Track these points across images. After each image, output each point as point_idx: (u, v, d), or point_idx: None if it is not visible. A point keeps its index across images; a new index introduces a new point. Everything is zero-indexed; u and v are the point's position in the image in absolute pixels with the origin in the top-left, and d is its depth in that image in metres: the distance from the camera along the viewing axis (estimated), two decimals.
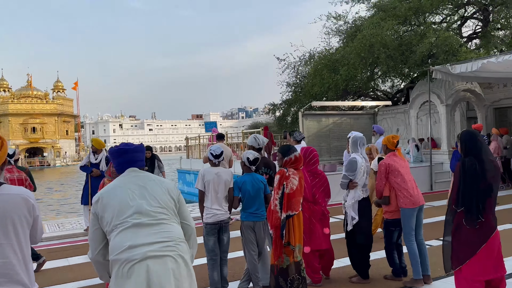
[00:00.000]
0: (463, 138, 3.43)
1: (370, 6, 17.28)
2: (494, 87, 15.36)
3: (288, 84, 19.37)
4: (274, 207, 3.98)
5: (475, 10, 15.83)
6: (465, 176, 3.26)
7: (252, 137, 5.17)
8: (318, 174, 4.45)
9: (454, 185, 3.35)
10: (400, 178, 4.48)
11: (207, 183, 4.33)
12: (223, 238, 4.39)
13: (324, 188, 4.48)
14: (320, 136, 10.73)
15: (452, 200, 3.38)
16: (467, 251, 3.27)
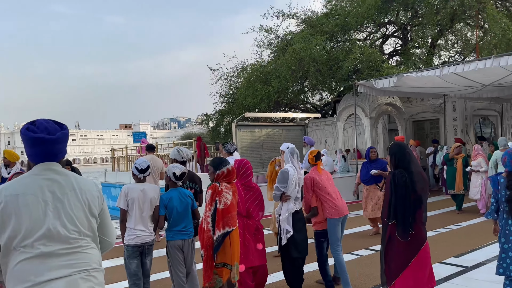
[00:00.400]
0: (393, 150, 3.48)
1: (300, 21, 17.85)
2: (412, 102, 16.58)
3: (221, 95, 19.28)
4: (206, 225, 3.73)
5: (395, 29, 17.04)
6: (396, 189, 3.30)
7: (175, 150, 4.93)
8: (252, 187, 4.30)
9: (386, 198, 3.38)
10: (324, 190, 4.61)
11: (131, 201, 3.96)
12: (146, 261, 4.04)
13: (259, 201, 4.34)
14: (253, 147, 10.68)
15: (383, 213, 3.41)
16: (399, 263, 3.29)
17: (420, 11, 15.67)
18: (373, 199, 7.35)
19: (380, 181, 7.31)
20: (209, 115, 20.38)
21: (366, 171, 7.37)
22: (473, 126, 16.27)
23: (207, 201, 3.79)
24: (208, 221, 3.72)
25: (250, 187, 4.29)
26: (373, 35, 17.68)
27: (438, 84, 11.08)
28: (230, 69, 19.27)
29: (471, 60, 9.19)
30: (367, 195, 7.44)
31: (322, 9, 17.98)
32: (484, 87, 11.37)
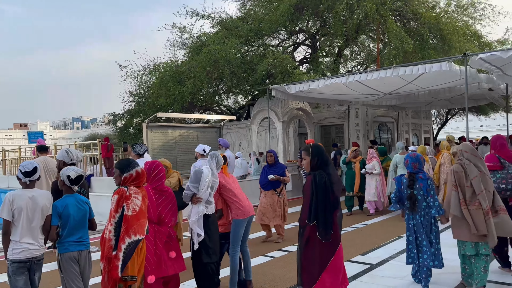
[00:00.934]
0: (315, 151, 3.47)
1: (214, 23, 17.71)
2: (320, 107, 17.46)
3: (131, 93, 18.27)
4: (107, 234, 3.35)
5: (306, 38, 17.79)
6: (317, 190, 3.29)
7: (63, 151, 4.51)
8: (164, 192, 4.01)
9: (306, 199, 3.35)
10: (230, 192, 4.62)
11: (18, 210, 3.40)
12: (34, 278, 3.51)
13: (172, 206, 4.06)
14: (166, 149, 10.23)
15: (303, 214, 3.38)
16: (317, 266, 3.29)
17: (328, 21, 16.59)
18: (272, 205, 7.01)
19: (278, 186, 6.97)
20: (117, 115, 19.19)
21: (264, 176, 7.02)
22: (373, 131, 17.67)
23: (112, 207, 3.41)
24: (111, 229, 3.35)
25: (163, 191, 3.99)
26: (285, 42, 18.26)
27: (344, 91, 11.75)
28: (141, 67, 18.40)
29: (373, 70, 9.88)
30: (265, 201, 7.07)
31: (236, 12, 18.11)
32: (384, 95, 12.36)
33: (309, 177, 3.41)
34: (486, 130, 54.24)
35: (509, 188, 4.67)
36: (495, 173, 4.72)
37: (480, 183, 4.19)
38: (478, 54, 7.98)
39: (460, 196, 4.21)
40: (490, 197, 4.24)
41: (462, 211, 4.16)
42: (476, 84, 10.84)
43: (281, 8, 14.24)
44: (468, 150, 4.38)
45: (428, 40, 13.21)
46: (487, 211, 4.12)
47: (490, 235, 4.08)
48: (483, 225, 4.07)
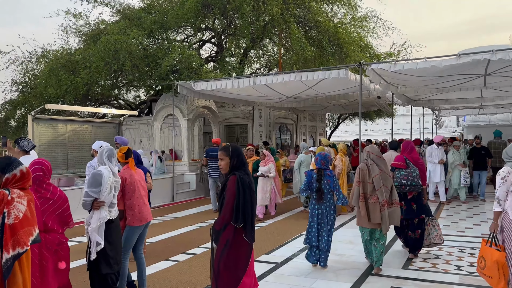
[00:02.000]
0: (236, 152, 3.40)
1: (115, 11, 16.57)
2: (225, 107, 17.50)
3: (14, 82, 16.14)
4: None
5: (212, 36, 17.65)
6: (244, 190, 3.22)
7: None
8: (53, 193, 3.51)
9: (229, 200, 3.22)
10: (134, 193, 4.24)
11: None
12: None
13: (62, 211, 3.57)
14: (56, 145, 9.18)
15: (225, 216, 3.24)
16: (240, 269, 3.22)
17: (234, 21, 16.68)
18: None
19: None
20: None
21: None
22: (274, 132, 18.30)
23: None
24: None
25: (53, 193, 3.50)
26: (191, 38, 17.89)
27: (250, 92, 11.91)
28: (28, 53, 16.37)
29: (278, 73, 10.16)
30: None
31: (139, 2, 17.13)
32: (286, 98, 12.83)
33: (233, 177, 3.29)
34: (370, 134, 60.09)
35: (409, 184, 5.56)
36: (400, 171, 5.64)
37: (380, 180, 4.96)
38: (371, 64, 8.69)
39: (361, 191, 5.00)
40: (387, 192, 5.03)
41: (359, 203, 4.99)
42: (367, 92, 11.84)
43: (187, 4, 13.87)
44: (374, 152, 5.14)
45: (327, 47, 14.08)
46: (383, 204, 4.93)
47: (383, 224, 4.92)
48: (378, 216, 4.88)
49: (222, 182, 3.41)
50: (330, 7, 16.50)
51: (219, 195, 3.42)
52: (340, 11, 16.71)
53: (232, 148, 3.39)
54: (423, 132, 20.88)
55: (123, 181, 4.10)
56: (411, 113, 16.41)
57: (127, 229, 4.21)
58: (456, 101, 14.44)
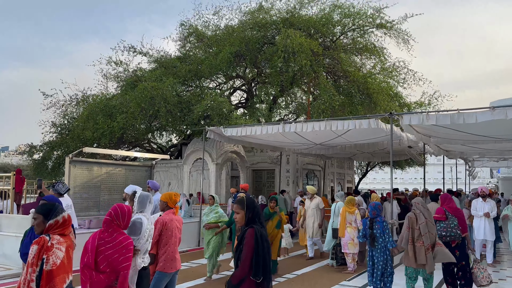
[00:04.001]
0: (251, 205, 3.39)
1: (152, 60, 17.51)
2: (253, 151, 17.68)
3: (53, 124, 16.99)
4: None
5: (242, 84, 18.24)
6: (262, 243, 3.21)
7: None
8: (114, 238, 3.46)
9: (248, 254, 3.20)
10: (171, 239, 4.26)
11: None
12: None
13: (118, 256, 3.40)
14: (90, 187, 9.46)
15: (243, 270, 3.20)
16: None
17: (264, 70, 17.26)
18: None
19: None
20: (35, 146, 17.61)
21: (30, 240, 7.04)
22: (302, 178, 18.19)
23: (31, 260, 2.92)
24: (32, 286, 2.86)
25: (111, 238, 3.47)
26: (222, 86, 18.54)
27: (278, 139, 12.04)
28: (68, 96, 17.34)
29: (308, 121, 10.29)
30: None
31: (175, 52, 18.10)
32: (315, 145, 12.86)
33: (251, 230, 3.28)
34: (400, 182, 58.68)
35: (448, 235, 6.21)
36: (439, 223, 6.26)
37: (426, 227, 5.70)
38: (402, 114, 8.68)
39: (410, 235, 5.74)
40: (432, 238, 5.74)
41: (408, 246, 5.73)
42: (397, 141, 11.74)
43: (221, 55, 14.55)
44: (420, 203, 5.89)
45: (356, 96, 14.24)
46: (428, 248, 5.65)
47: (428, 264, 5.61)
48: (423, 258, 5.61)
49: (239, 235, 3.38)
50: (359, 58, 16.85)
51: (236, 248, 3.38)
52: (368, 62, 17.02)
53: (247, 202, 3.37)
54: (456, 182, 20.23)
55: (162, 225, 4.15)
56: (443, 163, 16.03)
57: (157, 275, 4.18)
58: (491, 152, 14.06)
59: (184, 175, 15.33)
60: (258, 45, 15.47)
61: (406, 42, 16.00)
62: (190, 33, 17.50)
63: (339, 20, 15.46)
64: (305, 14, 16.02)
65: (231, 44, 14.86)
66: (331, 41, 15.90)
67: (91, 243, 3.30)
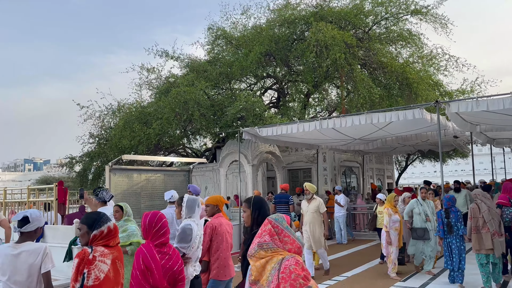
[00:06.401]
0: (257, 204, 3.13)
1: (183, 65, 17.60)
2: (289, 151, 17.37)
3: (91, 135, 17.38)
4: None
5: (273, 83, 18.00)
6: None
7: None
8: (169, 247, 3.24)
9: None
10: (223, 244, 4.03)
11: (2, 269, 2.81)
12: None
13: (178, 267, 3.17)
14: (130, 194, 9.49)
15: None
16: None
17: (294, 68, 16.94)
18: None
19: None
20: (74, 158, 18.08)
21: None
22: (339, 175, 17.70)
23: (72, 275, 2.76)
24: None
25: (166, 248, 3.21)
26: (253, 86, 18.38)
27: (315, 136, 11.69)
28: (104, 107, 17.70)
29: (346, 115, 9.89)
30: None
31: (205, 56, 18.09)
32: (353, 140, 12.42)
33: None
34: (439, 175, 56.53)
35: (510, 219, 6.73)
36: (506, 209, 6.79)
37: (489, 215, 6.29)
38: (450, 102, 8.16)
39: (473, 224, 6.39)
40: (496, 224, 6.29)
41: (472, 235, 6.38)
42: (442, 131, 11.13)
43: (251, 55, 14.38)
44: (480, 194, 6.55)
45: (395, 88, 13.66)
46: (494, 233, 6.20)
47: (496, 249, 6.15)
48: (490, 243, 6.15)
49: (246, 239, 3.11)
50: (394, 47, 16.20)
51: (242, 255, 3.10)
52: (404, 51, 16.34)
53: (254, 200, 3.12)
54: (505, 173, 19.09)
55: (212, 230, 3.92)
56: (491, 153, 15.13)
57: (212, 283, 3.97)
58: None
59: (221, 178, 15.23)
60: (288, 42, 15.18)
61: (444, 27, 15.21)
62: (218, 36, 17.46)
63: (371, 9, 14.92)
64: (335, 6, 15.59)
65: (260, 44, 14.66)
66: (363, 32, 15.37)
67: (153, 261, 2.99)
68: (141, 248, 3.04)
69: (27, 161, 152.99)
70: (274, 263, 2.03)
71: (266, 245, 2.08)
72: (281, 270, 1.97)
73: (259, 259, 2.09)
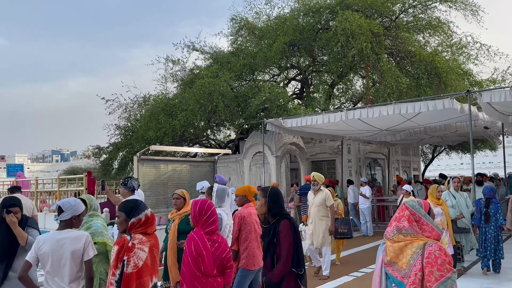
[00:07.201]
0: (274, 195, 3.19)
1: (207, 57, 17.66)
2: (312, 142, 17.25)
3: (117, 126, 17.71)
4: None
5: (297, 73, 17.84)
6: (298, 235, 3.08)
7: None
8: (218, 235, 3.26)
9: (288, 247, 2.97)
10: (252, 234, 4.04)
11: (44, 255, 2.89)
12: None
13: (226, 254, 3.23)
14: (157, 184, 9.65)
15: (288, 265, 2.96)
16: None
17: (317, 58, 16.72)
18: None
19: None
20: (102, 148, 18.50)
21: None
22: (364, 167, 17.47)
23: (112, 262, 2.82)
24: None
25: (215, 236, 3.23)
26: (276, 77, 18.28)
27: (340, 127, 11.57)
28: (129, 99, 17.98)
29: (374, 105, 9.74)
30: None
31: (228, 47, 18.11)
32: (380, 131, 12.22)
33: (286, 221, 3.05)
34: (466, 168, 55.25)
35: None
36: None
37: None
38: (482, 91, 7.92)
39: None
40: None
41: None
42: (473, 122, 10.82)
43: (275, 45, 14.28)
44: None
45: (423, 78, 13.32)
46: None
47: None
48: None
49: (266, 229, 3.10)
50: (422, 36, 15.77)
51: (267, 244, 3.05)
52: (433, 39, 15.88)
53: (270, 191, 3.16)
54: None
55: (240, 220, 3.96)
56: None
57: (241, 272, 3.98)
58: None
59: (244, 169, 15.29)
60: (313, 32, 14.98)
61: (475, 14, 14.69)
62: (241, 26, 17.39)
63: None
64: None
65: (284, 34, 14.52)
66: (390, 21, 15.00)
67: (205, 248, 3.01)
68: (193, 235, 3.08)
69: (55, 152, 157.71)
70: (415, 248, 2.13)
71: (405, 231, 2.19)
72: (425, 255, 2.08)
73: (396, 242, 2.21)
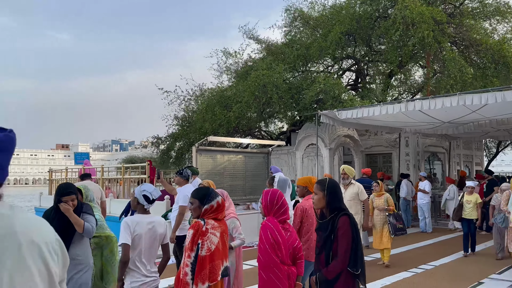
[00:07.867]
0: (332, 188, 3.05)
1: (262, 48, 17.78)
2: (367, 135, 16.82)
3: (175, 117, 18.40)
4: (183, 276, 2.93)
5: (352, 64, 17.43)
6: (357, 233, 2.95)
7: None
8: (288, 226, 3.33)
9: (346, 245, 2.89)
10: (312, 226, 4.02)
11: (138, 237, 3.12)
12: None
13: (297, 243, 3.31)
14: (214, 173, 9.95)
15: (345, 262, 2.89)
16: None
17: (374, 47, 16.19)
18: None
19: None
20: (160, 138, 19.33)
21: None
22: (423, 161, 16.77)
23: (187, 244, 2.99)
24: (187, 271, 2.92)
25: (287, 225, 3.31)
26: (331, 68, 17.98)
27: (399, 119, 11.17)
28: (186, 92, 18.58)
29: (436, 96, 9.31)
30: None
31: (281, 39, 18.07)
32: (442, 124, 11.67)
33: (345, 218, 2.94)
34: None
35: None
36: None
37: None
38: None
39: None
40: None
41: None
42: None
43: (331, 35, 14.02)
44: None
45: (490, 68, 12.49)
46: None
47: None
48: None
49: (321, 224, 3.01)
50: (489, 23, 14.76)
51: (323, 239, 2.99)
52: (501, 26, 14.81)
53: (328, 184, 3.02)
54: None
55: (302, 212, 4.01)
56: None
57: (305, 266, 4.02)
58: None
59: (297, 161, 15.27)
60: (370, 20, 14.52)
61: None
62: (295, 17, 17.26)
63: None
64: None
65: (340, 23, 14.21)
66: (454, 7, 14.19)
67: (281, 236, 3.09)
68: (267, 223, 3.16)
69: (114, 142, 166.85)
70: None
71: None
72: None
73: None
